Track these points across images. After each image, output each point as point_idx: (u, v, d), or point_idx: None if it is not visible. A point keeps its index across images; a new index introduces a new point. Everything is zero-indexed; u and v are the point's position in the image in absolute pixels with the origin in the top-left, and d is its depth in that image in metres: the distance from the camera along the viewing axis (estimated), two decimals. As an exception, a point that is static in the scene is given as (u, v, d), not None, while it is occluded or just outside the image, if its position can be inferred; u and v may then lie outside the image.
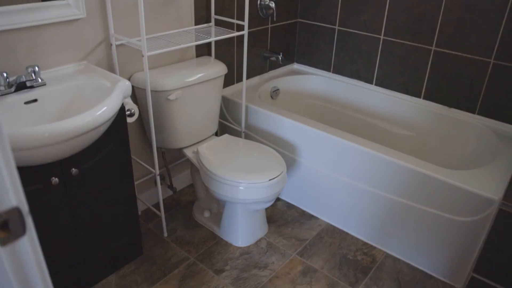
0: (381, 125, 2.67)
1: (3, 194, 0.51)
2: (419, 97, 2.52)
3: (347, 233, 2.23)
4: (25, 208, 0.54)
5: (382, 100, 2.65)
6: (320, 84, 2.88)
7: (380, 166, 1.96)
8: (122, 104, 1.58)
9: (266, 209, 2.31)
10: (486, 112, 2.30)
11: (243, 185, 1.85)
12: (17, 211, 0.52)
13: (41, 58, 1.65)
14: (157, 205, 2.36)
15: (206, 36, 2.01)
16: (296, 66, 3.04)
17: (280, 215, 2.35)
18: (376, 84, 2.68)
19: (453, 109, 2.41)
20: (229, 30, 2.16)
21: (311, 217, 2.34)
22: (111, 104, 1.43)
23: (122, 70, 1.95)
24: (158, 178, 1.99)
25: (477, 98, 2.31)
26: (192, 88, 2.01)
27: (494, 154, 2.05)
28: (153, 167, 1.99)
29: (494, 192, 1.69)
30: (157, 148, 2.15)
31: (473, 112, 2.35)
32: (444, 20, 2.29)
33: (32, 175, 1.39)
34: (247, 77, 2.64)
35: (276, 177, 1.88)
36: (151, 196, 2.36)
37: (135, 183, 2.13)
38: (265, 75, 2.81)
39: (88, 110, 1.36)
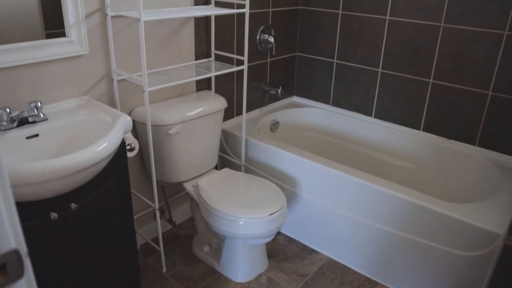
0: (381, 157, 2.67)
1: (2, 236, 0.50)
2: (419, 129, 2.53)
3: (349, 268, 2.19)
4: (23, 250, 0.53)
5: (381, 132, 2.66)
6: (320, 116, 2.90)
7: (381, 199, 1.95)
8: (123, 138, 1.58)
9: (267, 243, 2.28)
10: (486, 143, 2.30)
11: (243, 220, 1.83)
12: (15, 253, 0.51)
13: (43, 93, 1.67)
14: (156, 240, 2.33)
15: (206, 71, 2.04)
16: (295, 99, 3.07)
17: (281, 249, 2.32)
18: (375, 117, 2.70)
19: (452, 141, 2.42)
20: (229, 65, 2.19)
21: (312, 251, 2.31)
22: (111, 139, 1.43)
23: (123, 105, 1.96)
24: (157, 212, 1.97)
25: (476, 130, 2.32)
26: (192, 122, 2.03)
27: (496, 187, 2.04)
28: (153, 201, 1.98)
29: (498, 226, 1.68)
30: (157, 182, 2.14)
31: (473, 143, 2.35)
32: (441, 53, 2.33)
33: (30, 210, 1.38)
34: (247, 110, 2.66)
35: (276, 211, 1.86)
36: (150, 230, 2.33)
37: (134, 217, 2.11)
38: (265, 108, 2.84)
39: (89, 146, 1.36)
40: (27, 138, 1.51)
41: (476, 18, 2.18)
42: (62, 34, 1.67)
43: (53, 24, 1.63)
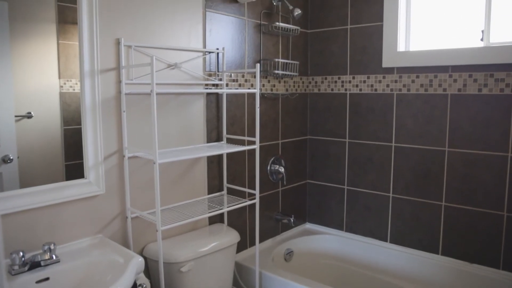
0: (402, 284, 2.54)
1: None
2: (437, 253, 2.46)
3: None
4: None
5: (399, 258, 2.58)
6: (334, 243, 2.85)
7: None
8: (134, 280, 1.55)
9: None
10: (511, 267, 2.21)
11: None
12: None
13: (58, 233, 1.69)
14: None
15: (218, 207, 2.08)
16: (308, 225, 3.05)
17: None
18: (391, 242, 2.65)
19: (475, 265, 2.33)
20: (241, 198, 2.23)
21: None
22: (124, 284, 1.40)
23: (135, 241, 1.96)
24: None
25: (498, 252, 2.25)
26: (205, 258, 1.99)
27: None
28: None
29: None
30: (168, 322, 2.04)
31: (497, 267, 2.26)
32: (449, 176, 2.37)
33: None
34: (260, 240, 2.62)
35: None
36: None
37: None
38: (278, 237, 2.80)
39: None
40: (37, 282, 1.49)
41: (478, 142, 2.26)
42: (81, 166, 1.74)
43: (72, 156, 1.72)
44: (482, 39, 2.30)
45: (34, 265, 1.51)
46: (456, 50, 2.30)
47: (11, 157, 1.56)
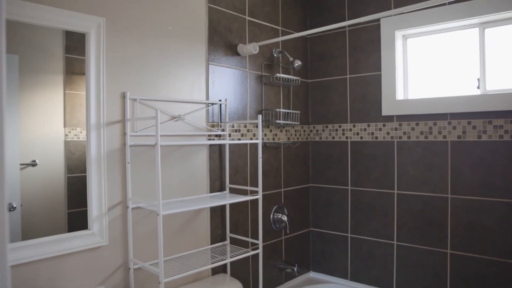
0: (411, 337, 2.47)
1: None
2: (446, 303, 2.41)
3: None
4: None
5: (406, 309, 2.52)
6: (339, 293, 2.79)
7: None
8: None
9: None
10: (522, 319, 2.16)
11: None
12: None
13: (59, 285, 1.67)
14: None
15: (221, 257, 2.06)
16: (312, 274, 3.00)
17: None
18: (397, 291, 2.60)
19: (485, 316, 2.27)
20: (244, 248, 2.21)
21: None
22: None
23: (138, 293, 1.94)
24: None
25: (508, 303, 2.19)
26: (207, 310, 1.96)
27: None
28: None
29: None
30: None
31: (507, 318, 2.20)
32: (454, 223, 2.35)
33: None
34: (264, 291, 2.58)
35: None
36: None
37: None
38: (282, 287, 2.75)
39: None
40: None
41: (481, 188, 2.26)
42: (83, 213, 1.75)
43: (75, 204, 1.74)
44: (478, 87, 2.35)
45: (34, 320, 1.49)
46: (454, 98, 2.35)
47: (15, 205, 1.57)
